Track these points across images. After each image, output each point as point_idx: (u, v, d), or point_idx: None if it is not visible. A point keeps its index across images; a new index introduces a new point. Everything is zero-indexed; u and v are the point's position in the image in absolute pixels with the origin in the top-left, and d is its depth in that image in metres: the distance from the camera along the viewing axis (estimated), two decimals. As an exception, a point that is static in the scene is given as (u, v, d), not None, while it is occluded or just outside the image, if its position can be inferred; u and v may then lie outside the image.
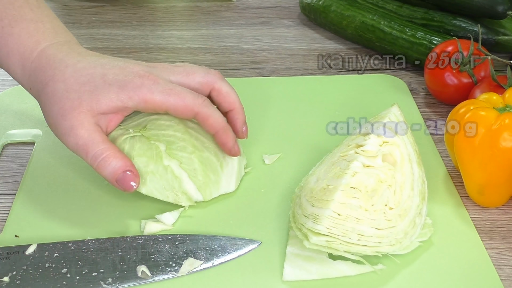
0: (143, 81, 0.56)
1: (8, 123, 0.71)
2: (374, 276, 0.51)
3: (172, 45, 0.89)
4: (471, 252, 0.53)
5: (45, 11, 0.62)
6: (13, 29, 0.59)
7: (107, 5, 1.01)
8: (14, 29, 0.59)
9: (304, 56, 0.86)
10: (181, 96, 0.56)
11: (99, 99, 0.55)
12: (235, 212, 0.58)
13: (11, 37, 0.59)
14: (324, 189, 0.53)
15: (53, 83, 0.56)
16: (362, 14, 0.85)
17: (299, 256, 0.52)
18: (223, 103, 0.59)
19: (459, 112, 0.57)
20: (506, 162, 0.54)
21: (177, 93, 0.56)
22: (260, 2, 1.02)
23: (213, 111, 0.57)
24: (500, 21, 0.79)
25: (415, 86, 0.78)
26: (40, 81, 0.58)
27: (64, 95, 0.56)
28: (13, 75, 0.61)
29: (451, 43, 0.71)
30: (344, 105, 0.72)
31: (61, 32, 0.61)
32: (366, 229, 0.50)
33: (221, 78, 0.59)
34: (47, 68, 0.57)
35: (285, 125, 0.70)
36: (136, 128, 0.58)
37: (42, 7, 0.62)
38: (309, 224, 0.50)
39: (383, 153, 0.54)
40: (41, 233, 0.56)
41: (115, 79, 0.56)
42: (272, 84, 0.78)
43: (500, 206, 0.58)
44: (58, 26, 0.62)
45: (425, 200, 0.54)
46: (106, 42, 0.90)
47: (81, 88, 0.56)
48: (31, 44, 0.59)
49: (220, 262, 0.52)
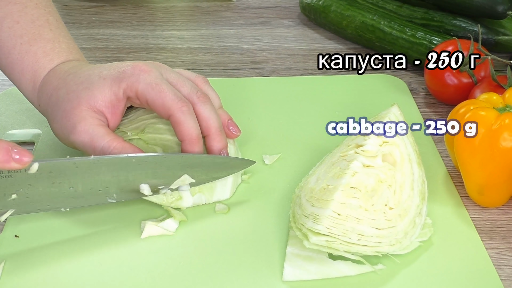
0: (133, 71, 0.56)
1: (8, 123, 0.71)
2: (374, 276, 0.51)
3: (172, 45, 0.89)
4: (471, 252, 0.53)
5: (63, 31, 0.64)
6: (31, 47, 0.61)
7: (107, 5, 1.01)
8: (32, 47, 0.61)
9: (304, 56, 0.86)
10: (163, 93, 0.56)
11: (95, 94, 0.56)
12: (235, 212, 0.58)
13: (28, 54, 0.61)
14: (324, 189, 0.53)
15: (56, 91, 0.58)
16: (362, 14, 0.85)
17: (299, 256, 0.52)
18: (200, 126, 0.57)
19: (459, 112, 0.57)
20: (506, 162, 0.54)
21: (161, 90, 0.56)
22: (260, 2, 1.02)
23: (188, 119, 0.55)
24: (500, 21, 0.79)
25: (415, 86, 0.78)
26: (45, 94, 0.59)
27: (65, 98, 0.57)
28: (24, 92, 0.63)
29: (451, 43, 0.71)
30: (344, 105, 0.72)
31: (75, 52, 0.63)
32: (366, 229, 0.50)
33: (203, 101, 0.58)
34: (53, 81, 0.59)
35: (285, 125, 0.70)
36: (134, 131, 0.59)
37: (60, 27, 0.64)
38: (309, 224, 0.50)
39: (383, 153, 0.54)
40: (41, 233, 0.56)
41: (109, 73, 0.57)
42: (272, 84, 0.78)
43: (500, 206, 0.58)
44: (72, 46, 0.63)
45: (425, 200, 0.54)
46: (106, 42, 0.90)
47: (79, 87, 0.57)
48: (45, 63, 0.61)
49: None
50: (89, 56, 0.86)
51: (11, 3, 0.62)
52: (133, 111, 0.61)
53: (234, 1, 1.02)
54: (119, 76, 0.56)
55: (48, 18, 0.62)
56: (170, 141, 0.58)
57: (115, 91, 0.56)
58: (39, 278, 0.52)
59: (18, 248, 0.54)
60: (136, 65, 0.57)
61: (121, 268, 0.52)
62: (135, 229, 0.56)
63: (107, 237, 0.55)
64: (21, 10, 0.61)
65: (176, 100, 0.55)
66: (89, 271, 0.52)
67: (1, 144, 0.47)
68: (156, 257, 0.53)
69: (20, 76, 0.61)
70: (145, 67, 0.57)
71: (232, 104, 0.67)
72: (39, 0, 0.63)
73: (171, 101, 0.55)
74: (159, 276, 0.51)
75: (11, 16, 0.61)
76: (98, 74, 0.57)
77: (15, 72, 0.61)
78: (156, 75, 0.57)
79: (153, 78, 0.56)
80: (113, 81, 0.56)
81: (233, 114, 0.63)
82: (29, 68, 0.61)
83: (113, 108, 0.57)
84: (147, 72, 0.56)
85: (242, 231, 0.56)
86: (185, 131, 0.56)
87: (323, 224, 0.49)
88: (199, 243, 0.55)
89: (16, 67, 0.61)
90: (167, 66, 0.60)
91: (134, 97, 0.56)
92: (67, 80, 0.58)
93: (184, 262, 0.53)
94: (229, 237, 0.55)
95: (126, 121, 0.60)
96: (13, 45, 0.61)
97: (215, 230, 0.56)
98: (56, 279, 0.52)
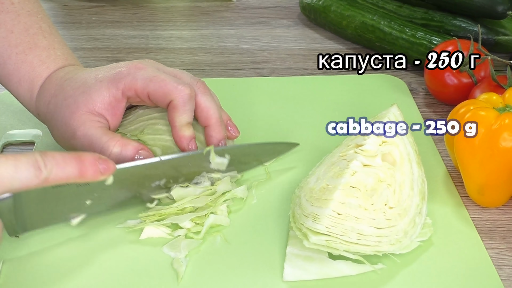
0: (129, 70, 0.57)
1: (8, 123, 0.71)
2: (374, 275, 0.51)
3: (172, 45, 0.89)
4: (471, 252, 0.53)
5: (56, 37, 0.63)
6: (27, 57, 0.60)
7: (107, 5, 1.01)
8: (27, 57, 0.60)
9: (304, 56, 0.86)
10: (163, 82, 0.56)
11: (93, 98, 0.56)
12: (235, 212, 0.58)
13: (24, 64, 0.60)
14: (323, 188, 0.53)
15: (54, 98, 0.58)
16: (362, 14, 0.85)
17: (299, 256, 0.52)
18: (199, 117, 0.58)
19: (459, 112, 0.57)
20: (506, 162, 0.54)
21: (160, 80, 0.56)
22: (260, 2, 1.02)
23: (184, 109, 0.56)
24: (500, 21, 0.79)
25: (415, 86, 0.78)
26: (44, 102, 0.59)
27: (63, 104, 0.57)
28: (23, 102, 0.63)
29: (451, 43, 0.71)
30: (344, 105, 0.72)
31: (70, 58, 0.63)
32: (365, 228, 0.50)
33: (204, 92, 0.58)
34: (50, 88, 0.59)
35: (285, 125, 0.70)
36: (134, 132, 0.59)
37: (54, 33, 0.63)
38: (308, 223, 0.50)
39: (383, 153, 0.54)
40: (42, 233, 0.56)
41: (105, 75, 0.57)
42: (272, 84, 0.78)
43: (500, 206, 0.58)
44: (67, 52, 0.63)
45: (425, 200, 0.54)
46: (106, 42, 0.90)
47: (76, 92, 0.57)
48: (41, 71, 0.60)
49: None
50: (89, 56, 0.86)
51: (3, 12, 0.61)
52: (133, 113, 0.61)
53: (234, 1, 1.02)
54: (115, 77, 0.56)
55: (41, 25, 0.62)
56: (170, 142, 0.58)
57: (113, 92, 0.56)
58: (39, 278, 0.52)
59: (18, 248, 0.54)
60: (131, 64, 0.57)
61: (121, 268, 0.52)
62: (135, 230, 0.56)
63: (107, 237, 0.55)
64: (14, 19, 0.61)
65: (176, 84, 0.56)
66: (89, 271, 0.52)
67: (87, 158, 0.46)
68: (155, 257, 0.53)
69: (17, 86, 0.61)
70: (140, 64, 0.57)
71: (232, 104, 0.67)
72: (31, 7, 0.62)
73: (172, 87, 0.56)
74: (159, 276, 0.51)
75: (5, 25, 0.60)
76: (94, 77, 0.57)
77: (12, 83, 0.61)
78: (153, 69, 0.57)
79: (150, 72, 0.57)
80: (110, 82, 0.56)
81: (233, 114, 0.63)
82: (26, 78, 0.60)
83: (112, 110, 0.57)
84: (143, 68, 0.57)
85: (242, 231, 0.56)
86: (176, 118, 0.56)
87: (323, 224, 0.49)
88: (199, 243, 0.54)
89: (13, 77, 0.60)
90: (162, 64, 0.60)
91: (134, 95, 0.56)
92: (64, 86, 0.58)
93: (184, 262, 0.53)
94: (229, 237, 0.55)
95: (125, 123, 0.61)
96: (8, 55, 0.60)
97: (215, 230, 0.56)
98: (56, 280, 0.52)
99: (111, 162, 0.48)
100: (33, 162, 0.43)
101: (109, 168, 0.47)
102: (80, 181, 0.46)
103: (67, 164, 0.45)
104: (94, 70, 0.59)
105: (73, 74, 0.59)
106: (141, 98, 0.57)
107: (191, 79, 0.59)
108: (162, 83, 0.56)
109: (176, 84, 0.56)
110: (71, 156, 0.45)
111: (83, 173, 0.45)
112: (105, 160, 0.47)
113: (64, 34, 0.92)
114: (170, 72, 0.59)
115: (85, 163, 0.46)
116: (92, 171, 0.46)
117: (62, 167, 0.44)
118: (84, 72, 0.59)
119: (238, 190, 0.58)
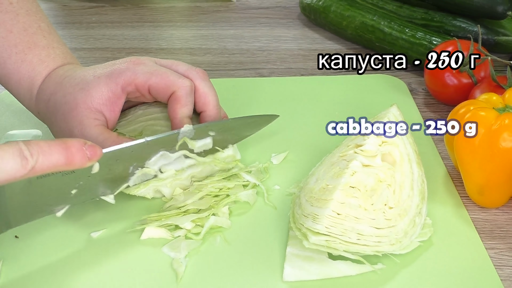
0: (128, 65, 0.57)
1: (8, 123, 0.71)
2: (374, 276, 0.51)
3: (172, 46, 0.89)
4: (471, 252, 0.53)
5: (55, 37, 0.64)
6: (26, 56, 0.60)
7: (107, 6, 1.01)
8: (27, 56, 0.60)
9: (304, 56, 0.86)
10: (164, 75, 0.57)
11: (91, 94, 0.56)
12: (235, 212, 0.58)
13: (24, 63, 0.60)
14: (323, 188, 0.53)
15: (53, 96, 0.58)
16: (362, 14, 0.85)
17: (299, 256, 0.52)
18: (197, 102, 0.59)
19: (459, 112, 0.57)
20: (506, 162, 0.54)
21: (160, 73, 0.57)
22: (260, 2, 1.02)
23: (186, 101, 0.57)
24: (500, 21, 0.79)
25: (415, 86, 0.78)
26: (43, 100, 0.59)
27: (62, 101, 0.57)
28: (22, 102, 0.63)
29: (451, 43, 0.71)
30: (344, 105, 0.72)
31: (69, 57, 0.63)
32: (365, 228, 0.50)
33: (203, 78, 0.59)
34: (49, 86, 0.59)
35: (285, 125, 0.70)
36: (132, 134, 0.59)
37: (52, 32, 0.64)
38: (308, 223, 0.50)
39: (383, 153, 0.54)
40: (42, 233, 0.56)
41: (104, 72, 0.57)
42: (272, 84, 0.78)
43: (500, 206, 0.58)
44: (66, 51, 0.64)
45: (425, 200, 0.54)
46: (106, 42, 0.90)
47: (75, 88, 0.57)
48: (41, 70, 0.61)
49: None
50: (89, 56, 0.87)
51: (2, 11, 0.61)
52: (132, 113, 0.61)
53: (234, 2, 1.02)
54: (114, 73, 0.57)
55: (40, 25, 0.62)
56: None
57: (112, 88, 0.56)
58: (39, 278, 0.52)
59: (18, 248, 0.54)
60: (129, 60, 0.58)
61: (121, 268, 0.52)
62: (136, 230, 0.56)
63: (107, 238, 0.55)
64: (13, 19, 0.61)
65: (178, 78, 0.57)
66: (89, 272, 0.52)
67: (73, 144, 0.44)
68: (155, 258, 0.53)
69: (17, 85, 0.61)
70: (138, 60, 0.58)
71: (232, 104, 0.67)
72: (29, 7, 0.62)
73: (174, 79, 0.56)
74: (159, 277, 0.51)
75: (4, 25, 0.60)
76: (92, 74, 0.58)
77: (12, 82, 0.61)
78: (151, 64, 0.58)
79: (149, 67, 0.57)
80: (108, 78, 0.56)
81: (233, 114, 0.63)
82: (25, 77, 0.60)
83: (111, 106, 0.57)
84: (142, 63, 0.57)
85: (242, 232, 0.56)
86: (176, 111, 0.56)
87: (323, 224, 0.49)
88: (199, 243, 0.54)
89: (13, 77, 0.61)
90: (153, 58, 0.61)
91: (134, 90, 0.57)
92: (63, 84, 0.58)
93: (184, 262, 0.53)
94: (229, 237, 0.55)
95: (124, 123, 0.61)
96: (8, 55, 0.60)
97: (215, 231, 0.56)
98: (56, 280, 0.52)
99: (97, 147, 0.45)
100: (18, 151, 0.41)
101: (96, 153, 0.45)
102: (68, 168, 0.44)
103: (53, 152, 0.42)
104: (93, 67, 0.59)
105: (72, 72, 0.59)
106: (142, 92, 0.57)
107: (189, 67, 0.60)
108: (164, 75, 0.56)
109: (177, 76, 0.57)
110: (56, 143, 0.43)
111: (70, 160, 0.43)
112: (91, 146, 0.45)
113: (64, 34, 0.92)
114: (166, 63, 0.60)
115: (71, 149, 0.43)
116: (79, 157, 0.44)
117: (48, 154, 0.42)
118: (83, 69, 0.59)
119: (242, 194, 0.58)
